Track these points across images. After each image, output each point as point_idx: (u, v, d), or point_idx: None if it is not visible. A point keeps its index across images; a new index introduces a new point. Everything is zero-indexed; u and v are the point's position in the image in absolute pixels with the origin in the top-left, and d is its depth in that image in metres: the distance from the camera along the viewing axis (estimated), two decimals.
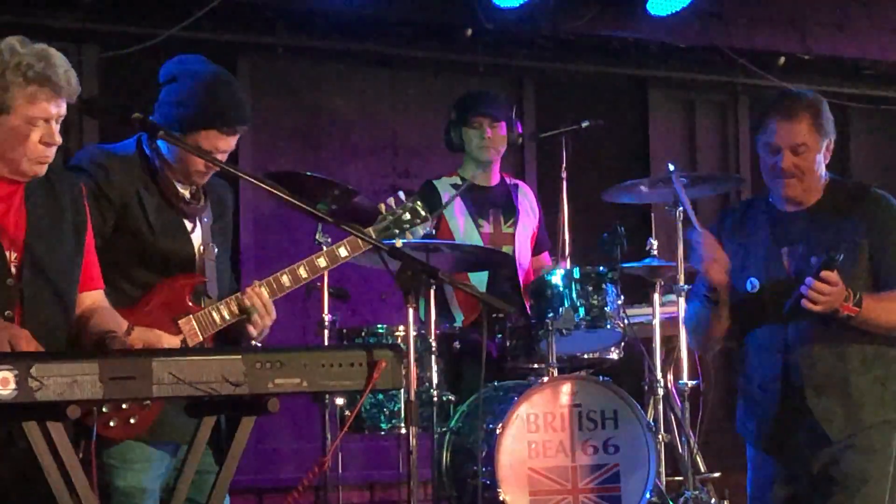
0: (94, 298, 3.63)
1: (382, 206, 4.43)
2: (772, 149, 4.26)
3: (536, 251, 6.39)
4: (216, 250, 4.04)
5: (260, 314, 3.97)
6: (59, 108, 3.38)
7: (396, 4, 7.35)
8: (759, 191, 8.29)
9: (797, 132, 4.22)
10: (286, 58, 7.46)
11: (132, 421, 3.68)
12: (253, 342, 3.99)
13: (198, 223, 4.01)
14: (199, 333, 3.90)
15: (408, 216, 4.42)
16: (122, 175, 3.89)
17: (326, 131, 7.56)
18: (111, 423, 3.65)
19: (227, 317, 3.95)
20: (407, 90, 7.80)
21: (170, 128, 3.79)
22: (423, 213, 4.45)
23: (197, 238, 3.99)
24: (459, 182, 6.22)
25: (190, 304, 3.92)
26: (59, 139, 3.41)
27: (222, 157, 3.92)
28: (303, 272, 4.12)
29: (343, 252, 4.20)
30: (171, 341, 3.77)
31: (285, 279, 4.08)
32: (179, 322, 3.88)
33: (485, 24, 7.34)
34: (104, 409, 3.56)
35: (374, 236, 4.26)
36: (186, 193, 4.00)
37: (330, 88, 7.61)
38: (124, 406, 3.61)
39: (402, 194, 4.47)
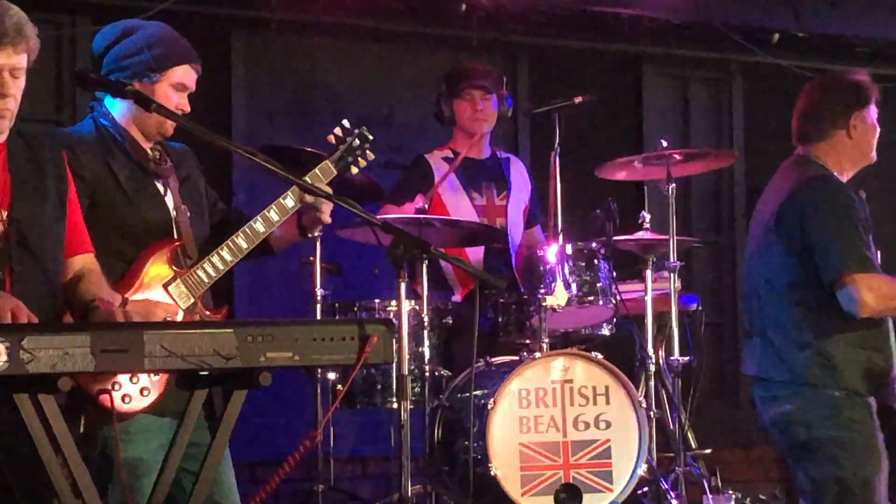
0: (83, 262, 3.63)
1: (332, 138, 4.45)
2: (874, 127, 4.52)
3: (528, 225, 6.39)
4: (188, 213, 4.07)
5: (326, 203, 4.13)
6: (9, 59, 3.35)
7: None
8: (752, 167, 8.36)
9: None
10: (280, 32, 7.43)
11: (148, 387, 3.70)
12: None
13: (168, 188, 4.04)
14: (189, 295, 3.93)
15: (357, 142, 4.47)
16: (87, 151, 3.91)
17: (320, 106, 7.53)
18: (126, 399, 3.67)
19: (221, 267, 3.99)
20: (401, 65, 7.79)
21: (139, 75, 3.92)
22: (369, 136, 4.50)
23: (170, 202, 4.03)
24: (451, 155, 6.22)
25: (174, 268, 3.94)
26: (11, 91, 3.38)
27: (186, 100, 4.03)
28: (273, 215, 4.13)
29: (290, 202, 4.17)
30: (168, 308, 3.79)
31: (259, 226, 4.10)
32: (169, 288, 3.90)
33: None
34: (117, 385, 3.58)
35: (332, 168, 4.35)
36: (153, 153, 4.04)
37: (323, 63, 7.59)
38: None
39: (346, 122, 4.48)
